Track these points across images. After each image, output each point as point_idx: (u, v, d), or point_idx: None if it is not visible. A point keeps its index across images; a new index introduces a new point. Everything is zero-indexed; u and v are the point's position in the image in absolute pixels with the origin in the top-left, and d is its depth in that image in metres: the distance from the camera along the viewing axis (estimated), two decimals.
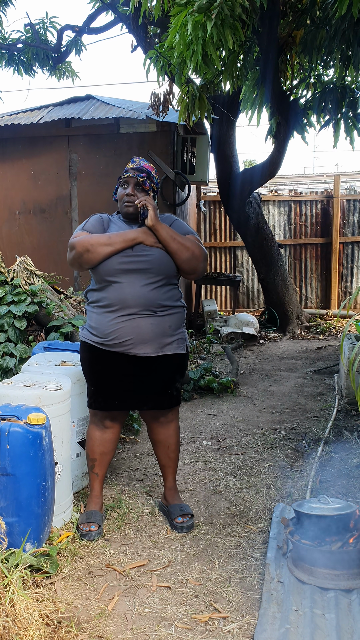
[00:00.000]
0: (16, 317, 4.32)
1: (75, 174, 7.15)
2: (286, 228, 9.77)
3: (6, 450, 2.32)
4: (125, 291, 2.65)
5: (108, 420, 2.85)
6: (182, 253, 2.70)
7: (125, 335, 2.65)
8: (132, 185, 2.76)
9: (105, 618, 2.16)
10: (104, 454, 2.88)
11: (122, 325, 2.65)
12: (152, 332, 2.66)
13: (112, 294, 2.67)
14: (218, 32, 3.83)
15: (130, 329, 2.64)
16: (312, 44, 4.99)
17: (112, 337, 2.66)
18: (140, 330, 2.65)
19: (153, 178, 2.81)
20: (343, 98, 5.33)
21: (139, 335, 2.64)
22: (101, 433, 2.86)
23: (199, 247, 2.77)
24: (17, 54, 7.89)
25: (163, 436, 2.91)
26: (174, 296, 2.78)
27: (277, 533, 2.65)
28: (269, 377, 5.79)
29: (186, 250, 2.71)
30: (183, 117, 5.16)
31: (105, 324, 2.68)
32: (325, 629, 1.99)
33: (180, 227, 2.82)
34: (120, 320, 2.65)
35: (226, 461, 3.64)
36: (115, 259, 2.65)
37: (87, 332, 2.78)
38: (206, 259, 2.81)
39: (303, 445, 3.87)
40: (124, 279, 2.65)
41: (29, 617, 1.95)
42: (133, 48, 6.72)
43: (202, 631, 2.09)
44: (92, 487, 2.92)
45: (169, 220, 2.84)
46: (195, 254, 2.73)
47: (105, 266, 2.66)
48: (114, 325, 2.65)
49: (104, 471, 2.93)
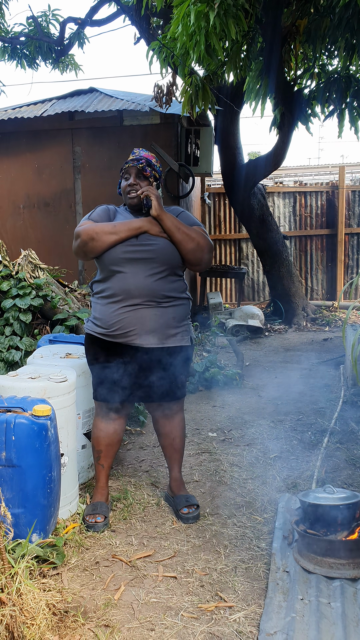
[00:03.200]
0: (21, 310, 4.33)
1: (79, 167, 7.14)
2: (291, 219, 9.74)
3: (12, 442, 2.33)
4: (129, 281, 2.64)
5: (113, 412, 2.85)
6: (187, 243, 2.69)
7: (128, 325, 2.64)
8: (134, 175, 2.75)
9: (111, 608, 2.17)
10: (109, 446, 2.88)
11: (126, 315, 2.64)
12: (156, 322, 2.66)
13: (116, 284, 2.66)
14: (221, 22, 3.81)
15: (133, 319, 2.64)
16: (316, 33, 4.96)
17: (116, 327, 2.66)
18: (144, 321, 2.64)
19: (154, 166, 2.79)
20: (348, 88, 5.30)
21: (142, 325, 2.64)
22: (107, 425, 2.86)
23: (204, 238, 2.75)
24: (20, 47, 7.88)
25: (168, 429, 2.91)
26: (179, 287, 2.77)
27: (283, 523, 2.65)
28: (274, 369, 5.79)
29: (191, 241, 2.69)
30: (186, 109, 5.14)
31: (109, 314, 2.67)
32: (331, 617, 2.00)
33: (187, 219, 2.80)
34: (123, 310, 2.64)
35: (232, 452, 3.65)
36: (120, 248, 2.64)
37: (91, 324, 2.77)
38: (212, 251, 2.80)
39: (309, 436, 3.87)
40: (128, 269, 2.64)
41: (36, 607, 1.96)
42: (136, 40, 6.70)
43: (208, 620, 2.10)
44: (97, 478, 2.93)
45: (175, 212, 2.82)
46: (200, 244, 2.72)
47: (110, 255, 2.65)
48: (118, 315, 2.65)
49: (110, 462, 2.93)
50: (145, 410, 4.39)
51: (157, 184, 2.83)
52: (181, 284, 2.79)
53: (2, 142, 7.26)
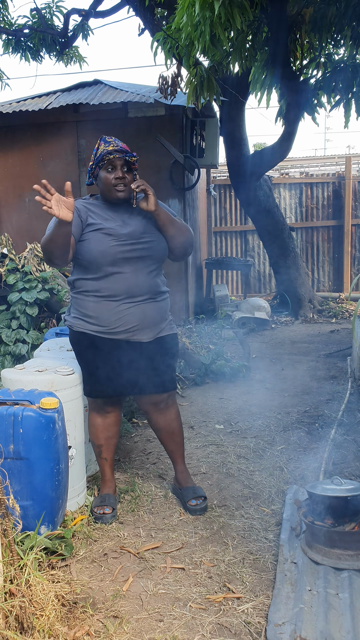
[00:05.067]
0: (27, 304, 4.34)
1: (84, 159, 7.13)
2: (297, 211, 9.70)
3: (20, 435, 2.34)
4: (130, 281, 2.60)
5: (109, 405, 2.85)
6: (179, 237, 2.69)
7: (130, 322, 2.62)
8: (120, 167, 2.60)
9: (120, 599, 2.18)
10: (109, 439, 2.89)
11: (128, 312, 2.62)
12: (154, 318, 2.68)
13: (116, 284, 2.59)
14: (226, 12, 3.78)
15: (135, 315, 2.62)
16: (322, 22, 4.91)
17: (118, 325, 2.62)
18: (145, 316, 2.64)
19: (134, 157, 2.64)
20: (354, 77, 5.26)
21: (143, 321, 2.64)
22: (103, 419, 2.86)
23: (189, 230, 2.78)
24: (24, 39, 7.84)
25: (165, 422, 2.88)
26: (164, 281, 2.80)
27: (291, 515, 2.65)
28: (281, 361, 5.78)
29: (182, 234, 2.70)
30: (192, 100, 5.11)
31: (108, 312, 2.62)
32: (339, 608, 2.00)
33: (168, 209, 2.73)
34: (125, 307, 2.61)
35: (239, 444, 3.65)
36: (117, 248, 2.57)
37: (82, 322, 2.68)
38: (193, 243, 2.84)
39: (316, 428, 3.87)
40: (127, 269, 2.59)
41: (44, 598, 1.97)
42: (140, 31, 6.66)
43: (216, 611, 2.10)
44: (103, 472, 2.94)
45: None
46: (189, 237, 2.74)
47: (106, 256, 2.56)
48: (119, 313, 2.61)
49: (112, 455, 2.94)
50: None
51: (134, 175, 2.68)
52: (164, 277, 2.81)
53: (7, 135, 7.24)
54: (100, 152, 2.64)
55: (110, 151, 2.60)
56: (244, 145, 7.85)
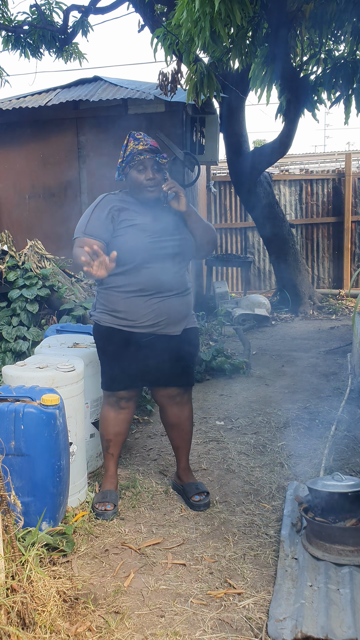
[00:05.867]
0: (28, 300, 4.34)
1: (84, 156, 7.12)
2: (297, 207, 9.69)
3: (21, 431, 2.34)
4: (160, 277, 2.64)
5: (123, 401, 2.85)
6: (205, 236, 2.76)
7: (159, 316, 2.66)
8: (150, 168, 2.64)
9: (121, 594, 2.19)
10: (118, 435, 2.89)
11: (157, 306, 2.66)
12: (181, 312, 2.73)
13: (146, 280, 2.63)
14: (226, 8, 3.77)
15: (164, 310, 2.66)
16: (322, 18, 4.89)
17: (147, 319, 2.65)
18: (173, 311, 2.69)
19: (162, 155, 2.69)
20: (354, 73, 5.23)
21: (171, 315, 2.68)
22: (116, 414, 2.86)
23: (214, 230, 2.86)
24: (24, 36, 7.82)
25: (177, 418, 2.90)
26: (189, 279, 2.85)
27: (291, 511, 2.66)
28: (281, 357, 5.78)
29: (207, 234, 2.77)
30: (192, 97, 5.10)
31: (137, 306, 2.65)
32: (340, 603, 2.01)
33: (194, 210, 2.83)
34: (154, 302, 2.65)
35: (239, 440, 3.65)
36: (148, 245, 2.61)
37: (109, 317, 2.71)
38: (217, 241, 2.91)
39: (316, 424, 3.87)
40: (157, 265, 2.63)
41: (46, 594, 1.97)
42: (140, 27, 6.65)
43: (218, 607, 2.11)
44: (107, 466, 2.94)
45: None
46: (214, 236, 2.83)
47: (137, 252, 2.60)
48: (148, 307, 2.65)
49: (119, 451, 2.95)
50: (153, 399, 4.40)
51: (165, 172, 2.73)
52: (187, 274, 2.86)
53: (6, 132, 7.23)
54: (130, 150, 2.66)
55: (140, 151, 2.63)
56: (244, 142, 7.84)
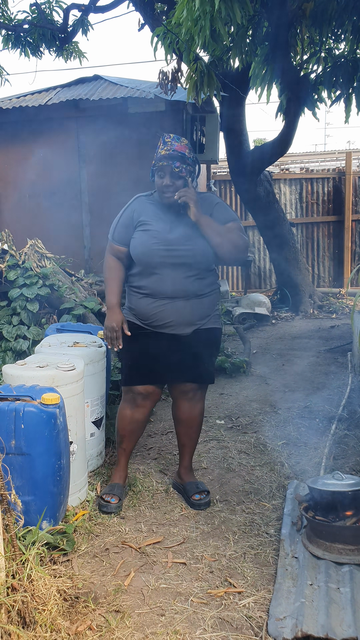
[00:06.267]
0: (28, 299, 4.34)
1: (85, 155, 7.12)
2: (298, 206, 9.68)
3: (21, 430, 2.34)
4: (167, 284, 2.68)
5: (140, 398, 2.84)
6: (224, 246, 2.68)
7: (166, 317, 2.71)
8: (168, 175, 2.67)
9: (121, 593, 2.19)
10: (133, 432, 2.91)
11: (163, 308, 2.70)
12: (191, 314, 2.72)
13: (153, 285, 2.70)
14: (226, 7, 3.76)
15: (170, 312, 2.70)
16: (322, 17, 4.87)
17: (154, 319, 2.72)
18: (180, 313, 2.70)
19: (188, 160, 2.70)
20: (355, 72, 5.22)
21: (178, 317, 2.71)
22: (132, 412, 2.87)
23: (241, 237, 2.73)
24: (24, 35, 7.80)
25: (188, 414, 2.92)
26: (212, 282, 2.81)
27: (292, 509, 2.66)
28: (281, 356, 5.78)
29: (228, 244, 2.68)
30: (192, 95, 5.09)
31: (145, 307, 2.73)
32: (340, 602, 2.01)
33: (223, 213, 2.76)
34: (160, 304, 2.70)
35: (239, 439, 3.65)
36: (159, 252, 2.66)
37: (129, 314, 2.82)
38: (247, 248, 2.80)
39: (317, 423, 3.87)
40: (166, 272, 2.68)
41: (47, 593, 1.98)
42: (140, 26, 6.63)
43: (218, 605, 2.11)
44: (119, 460, 2.97)
45: (211, 202, 2.78)
46: (237, 246, 2.71)
47: (148, 258, 2.69)
48: (155, 308, 2.71)
49: (132, 447, 2.97)
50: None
51: (192, 177, 2.76)
52: (214, 277, 2.83)
53: (7, 132, 7.23)
54: (156, 154, 2.73)
55: (161, 157, 2.69)
56: (244, 141, 7.83)
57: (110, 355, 3.53)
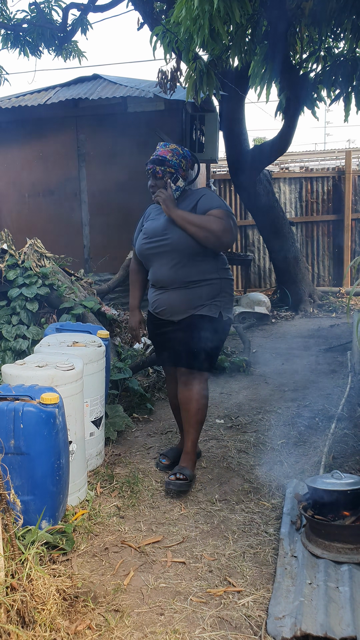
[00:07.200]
0: (28, 299, 4.33)
1: (84, 154, 7.12)
2: (297, 205, 9.68)
3: (20, 430, 2.34)
4: (157, 273, 3.01)
5: (169, 377, 3.28)
6: (198, 234, 2.86)
7: (161, 305, 3.02)
8: (152, 177, 3.00)
9: (121, 593, 2.19)
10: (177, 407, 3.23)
11: (160, 297, 3.03)
12: (183, 303, 2.96)
13: (152, 276, 3.06)
14: (225, 6, 3.76)
15: (164, 301, 3.00)
16: (321, 16, 4.86)
17: (155, 306, 3.07)
18: (173, 302, 2.98)
19: (168, 162, 2.95)
20: (354, 71, 5.21)
21: (171, 306, 2.99)
22: (169, 389, 3.31)
23: (218, 223, 2.86)
24: (23, 34, 7.80)
25: (183, 398, 3.05)
26: (206, 269, 2.97)
27: (291, 509, 2.66)
28: (281, 355, 5.78)
29: (201, 231, 2.86)
30: (191, 94, 5.09)
31: (150, 296, 3.11)
32: (339, 601, 2.01)
33: (205, 203, 2.93)
34: (158, 293, 3.04)
35: (239, 439, 3.65)
36: (142, 245, 3.04)
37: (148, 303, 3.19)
38: (228, 232, 2.90)
39: (316, 422, 3.87)
40: (154, 262, 3.01)
41: (46, 592, 1.98)
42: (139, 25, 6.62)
43: (217, 605, 2.11)
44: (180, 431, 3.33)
45: (197, 196, 2.98)
46: (213, 231, 2.85)
47: (138, 252, 3.10)
48: (154, 297, 3.07)
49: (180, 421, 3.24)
50: (153, 397, 4.41)
51: (175, 175, 2.98)
52: (207, 266, 2.96)
53: (6, 131, 7.23)
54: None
55: (147, 162, 3.01)
56: (244, 140, 7.83)
57: (109, 354, 3.54)
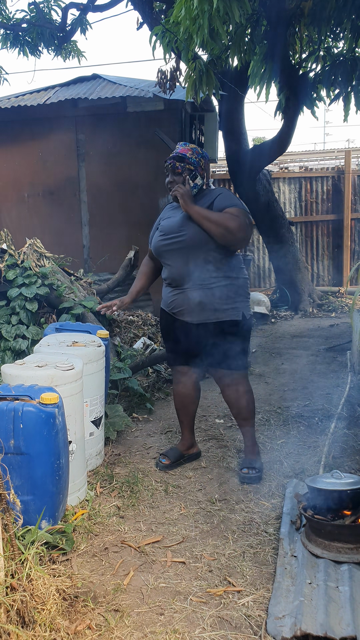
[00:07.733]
0: (27, 299, 4.33)
1: (83, 154, 7.12)
2: (297, 205, 9.68)
3: (20, 430, 2.34)
4: (172, 270, 3.02)
5: (178, 376, 3.24)
6: (214, 230, 2.87)
7: (178, 306, 3.03)
8: (171, 173, 3.02)
9: (121, 593, 2.19)
10: (182, 405, 3.26)
11: (176, 297, 3.03)
12: (199, 304, 2.96)
13: (166, 273, 3.07)
14: (224, 5, 3.76)
15: (181, 300, 3.01)
16: (321, 15, 4.87)
17: (172, 306, 3.07)
18: (189, 302, 2.98)
19: (188, 159, 2.97)
20: (353, 70, 5.21)
21: (188, 306, 2.99)
22: (176, 388, 3.27)
23: (234, 220, 2.87)
24: (22, 34, 7.80)
25: (231, 397, 3.13)
26: (221, 269, 2.97)
27: (291, 508, 2.66)
28: (280, 355, 5.78)
29: (217, 227, 2.86)
30: (190, 94, 5.09)
31: (165, 295, 3.12)
32: (339, 601, 2.01)
33: (222, 201, 2.94)
34: (174, 293, 3.04)
35: (239, 438, 3.65)
36: (158, 242, 3.04)
37: (162, 301, 3.18)
38: (244, 229, 2.91)
39: (316, 422, 3.87)
40: (169, 259, 3.02)
41: (46, 592, 1.98)
42: (139, 25, 6.62)
43: (217, 604, 2.11)
44: (181, 430, 3.35)
45: (214, 194, 2.99)
46: (229, 228, 2.86)
47: (154, 249, 3.10)
48: (170, 297, 3.07)
49: (188, 419, 3.29)
50: (152, 397, 4.41)
51: (193, 173, 2.99)
52: (222, 264, 2.96)
53: (5, 131, 7.23)
54: None
55: (167, 158, 3.03)
56: (243, 140, 7.83)
57: (109, 354, 3.54)
